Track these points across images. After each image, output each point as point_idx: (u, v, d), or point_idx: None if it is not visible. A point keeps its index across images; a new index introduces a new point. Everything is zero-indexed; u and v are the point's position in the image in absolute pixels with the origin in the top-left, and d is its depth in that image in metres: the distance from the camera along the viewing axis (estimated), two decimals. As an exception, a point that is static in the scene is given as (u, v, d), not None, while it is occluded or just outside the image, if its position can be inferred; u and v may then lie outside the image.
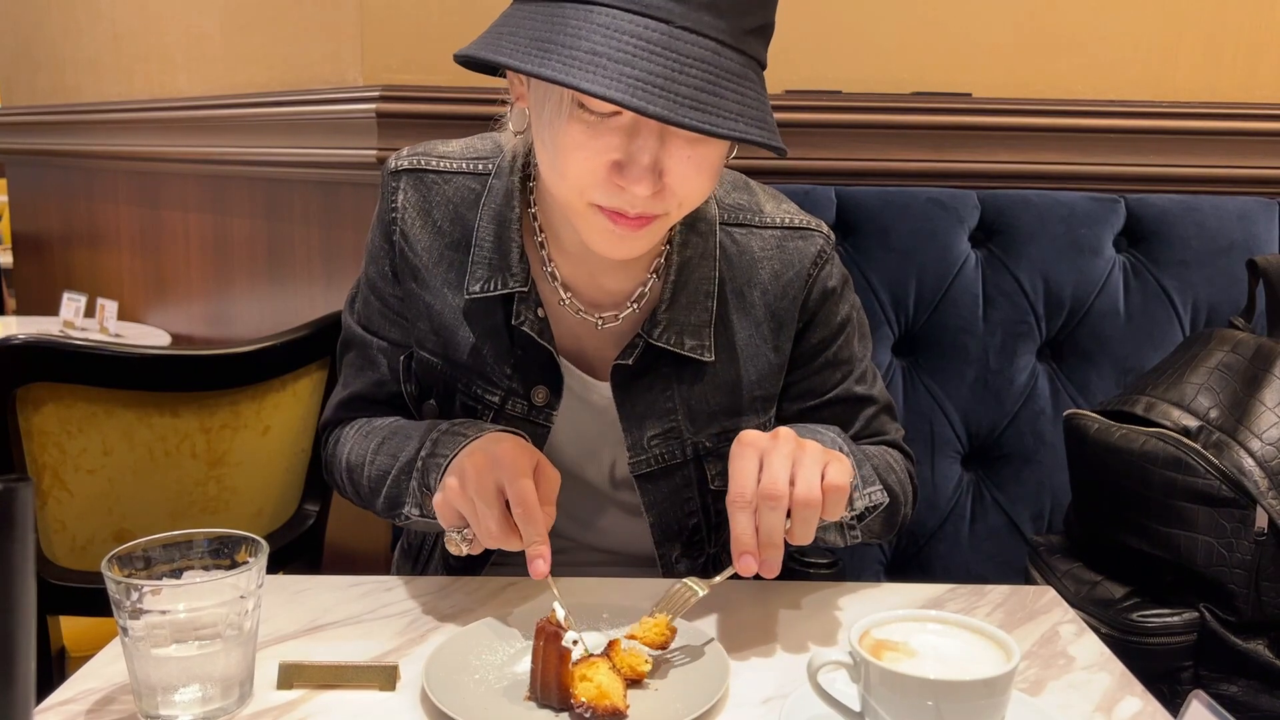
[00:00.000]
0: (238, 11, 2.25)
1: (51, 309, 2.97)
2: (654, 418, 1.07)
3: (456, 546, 0.93)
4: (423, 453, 1.00)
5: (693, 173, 0.88)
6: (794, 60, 1.77)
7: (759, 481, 0.86)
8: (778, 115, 0.92)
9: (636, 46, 0.79)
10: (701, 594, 0.90)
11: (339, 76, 1.89)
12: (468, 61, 0.92)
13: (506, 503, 0.90)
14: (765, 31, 0.89)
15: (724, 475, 1.09)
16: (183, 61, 2.52)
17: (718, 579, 0.91)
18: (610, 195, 0.89)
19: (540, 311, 1.05)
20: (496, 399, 1.08)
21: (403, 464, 1.03)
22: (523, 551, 0.90)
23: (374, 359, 1.15)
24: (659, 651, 0.87)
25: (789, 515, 0.87)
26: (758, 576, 0.88)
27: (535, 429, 1.08)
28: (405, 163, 1.09)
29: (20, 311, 3.73)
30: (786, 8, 1.76)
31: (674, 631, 0.87)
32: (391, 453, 1.06)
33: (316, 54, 1.97)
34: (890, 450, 1.14)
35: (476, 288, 1.05)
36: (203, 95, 2.38)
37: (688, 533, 1.12)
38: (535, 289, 1.05)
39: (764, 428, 1.11)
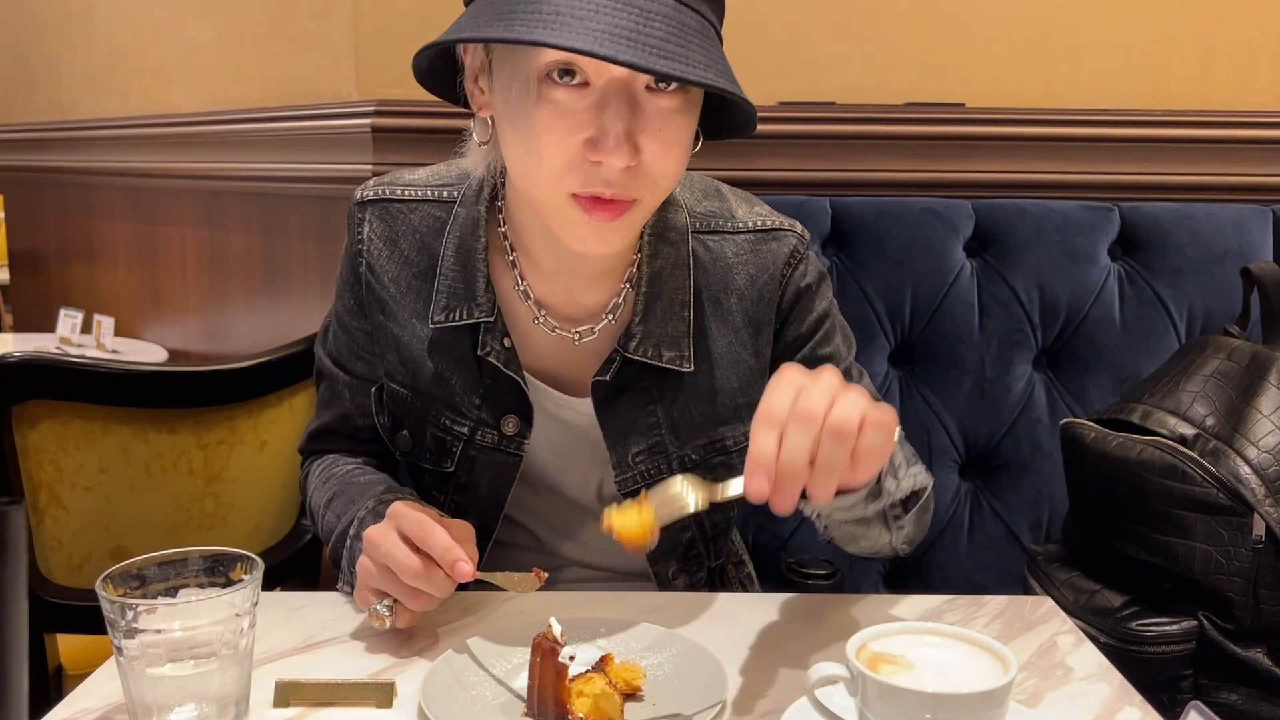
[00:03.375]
0: (233, 27, 2.26)
1: (48, 325, 2.96)
2: (638, 434, 1.06)
3: (381, 620, 0.91)
4: (351, 531, 1.01)
5: (665, 147, 0.87)
6: (787, 72, 1.78)
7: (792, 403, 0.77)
8: (772, 127, 0.93)
9: (599, 3, 0.80)
10: (692, 507, 0.82)
11: (334, 91, 1.90)
12: (425, 77, 0.94)
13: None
14: (718, 4, 0.89)
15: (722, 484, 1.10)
16: (178, 77, 2.52)
17: (723, 493, 0.82)
18: (587, 177, 0.87)
19: (507, 341, 1.04)
20: (465, 430, 1.07)
21: (341, 529, 1.04)
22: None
23: (340, 393, 1.15)
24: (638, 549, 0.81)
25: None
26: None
27: (506, 458, 1.07)
28: (370, 193, 1.08)
29: (17, 328, 3.73)
30: (780, 20, 1.78)
31: (652, 533, 0.81)
32: (338, 513, 1.06)
33: (311, 69, 1.97)
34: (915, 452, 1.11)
35: (441, 317, 1.04)
36: (198, 111, 2.39)
37: (682, 548, 1.12)
38: (501, 318, 1.04)
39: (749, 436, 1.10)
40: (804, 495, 0.78)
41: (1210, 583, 1.19)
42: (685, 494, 0.83)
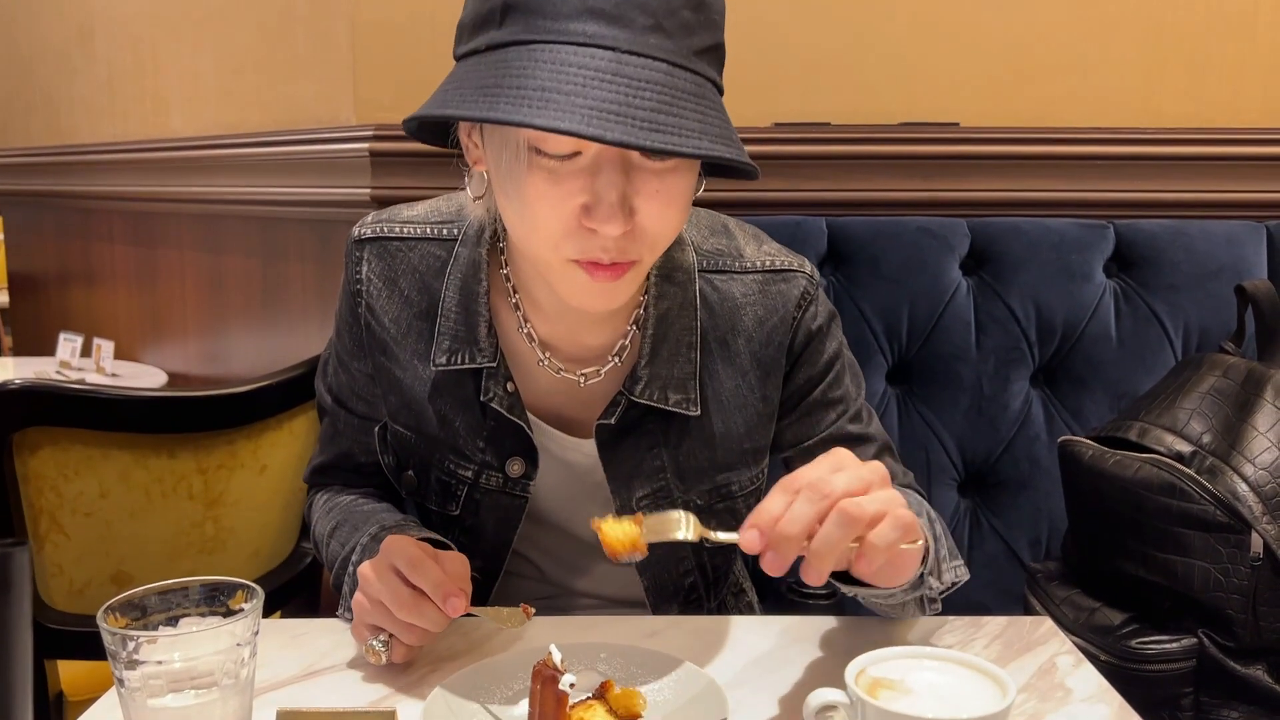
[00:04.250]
0: (231, 53, 2.27)
1: (48, 349, 2.97)
2: (642, 478, 1.04)
3: (377, 656, 0.91)
4: (353, 559, 1.01)
5: (662, 208, 0.85)
6: (782, 93, 1.79)
7: (818, 478, 0.77)
8: (767, 148, 0.92)
9: (585, 77, 0.76)
10: (684, 537, 0.82)
11: (332, 116, 1.91)
12: (418, 131, 0.91)
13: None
14: (717, 53, 0.85)
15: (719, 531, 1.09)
16: (177, 102, 2.54)
17: (716, 537, 0.82)
18: (583, 243, 0.85)
19: (510, 385, 1.02)
20: (470, 473, 1.06)
21: (343, 557, 1.03)
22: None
23: (342, 432, 1.14)
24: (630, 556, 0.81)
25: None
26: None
27: (512, 501, 1.06)
28: (368, 231, 1.06)
29: (16, 351, 3.73)
30: (774, 42, 1.79)
31: (638, 547, 0.81)
32: (341, 541, 1.06)
33: (310, 94, 1.98)
34: (926, 503, 1.08)
35: (443, 360, 1.02)
36: (197, 136, 2.40)
37: (684, 592, 1.11)
38: (504, 362, 1.02)
39: (756, 480, 1.09)
40: (844, 578, 0.80)
41: (1209, 600, 1.19)
42: (681, 523, 0.83)
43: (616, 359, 1.03)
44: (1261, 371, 1.27)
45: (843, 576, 0.88)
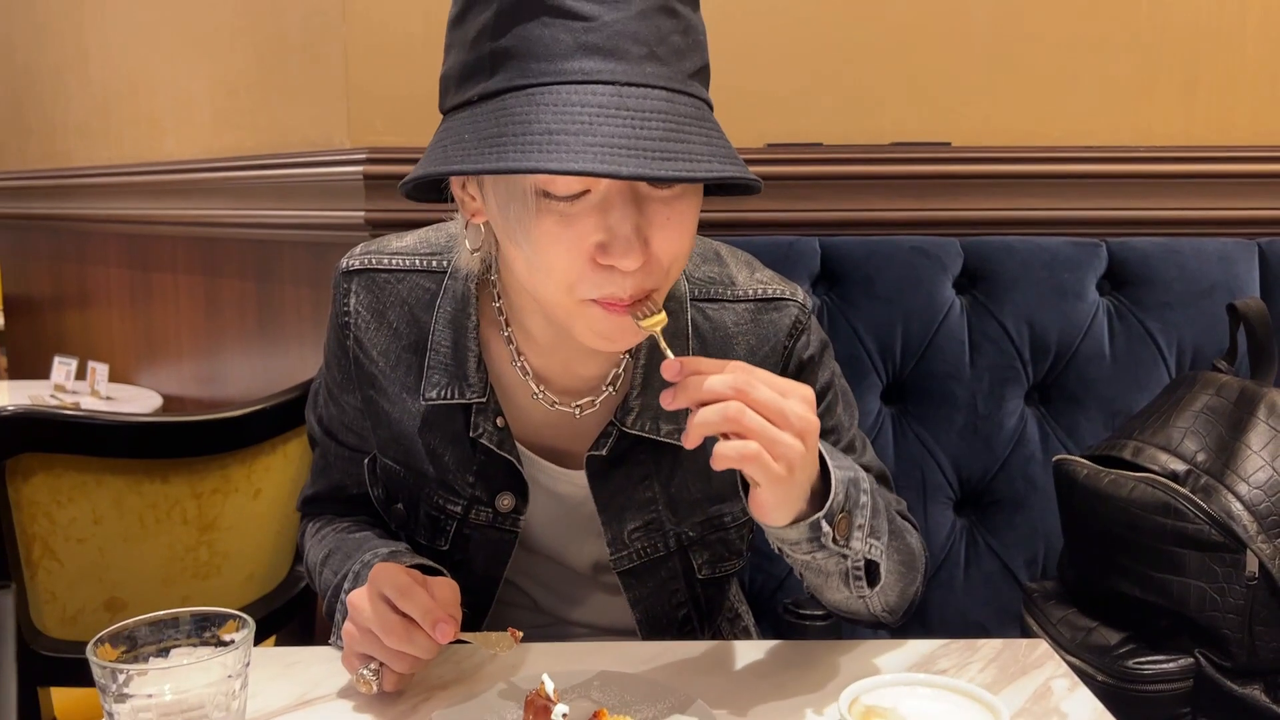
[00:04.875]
0: (225, 76, 2.28)
1: (43, 372, 2.96)
2: (633, 510, 1.04)
3: (367, 685, 0.91)
4: (345, 586, 1.00)
5: (675, 235, 0.84)
6: (774, 114, 1.80)
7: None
8: (760, 169, 0.92)
9: (590, 114, 0.76)
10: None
11: (326, 139, 1.91)
12: (415, 190, 0.88)
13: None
14: (706, 73, 0.85)
15: (711, 564, 1.09)
16: (171, 126, 2.54)
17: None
18: (601, 282, 0.84)
19: (500, 420, 1.02)
20: (459, 508, 1.05)
21: (335, 584, 1.03)
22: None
23: (332, 464, 1.14)
24: None
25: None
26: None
27: (502, 535, 1.06)
28: (356, 262, 1.06)
29: (11, 374, 3.73)
30: (766, 63, 1.80)
31: None
32: (334, 569, 1.05)
33: (303, 117, 1.99)
34: (909, 528, 1.09)
35: (433, 394, 1.02)
36: (191, 159, 2.41)
37: (677, 623, 1.10)
38: (494, 397, 1.02)
39: (748, 511, 1.09)
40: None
41: (1206, 620, 1.19)
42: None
43: (611, 388, 1.03)
44: (1254, 390, 1.27)
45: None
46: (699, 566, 1.08)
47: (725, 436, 0.81)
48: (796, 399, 0.82)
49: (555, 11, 0.77)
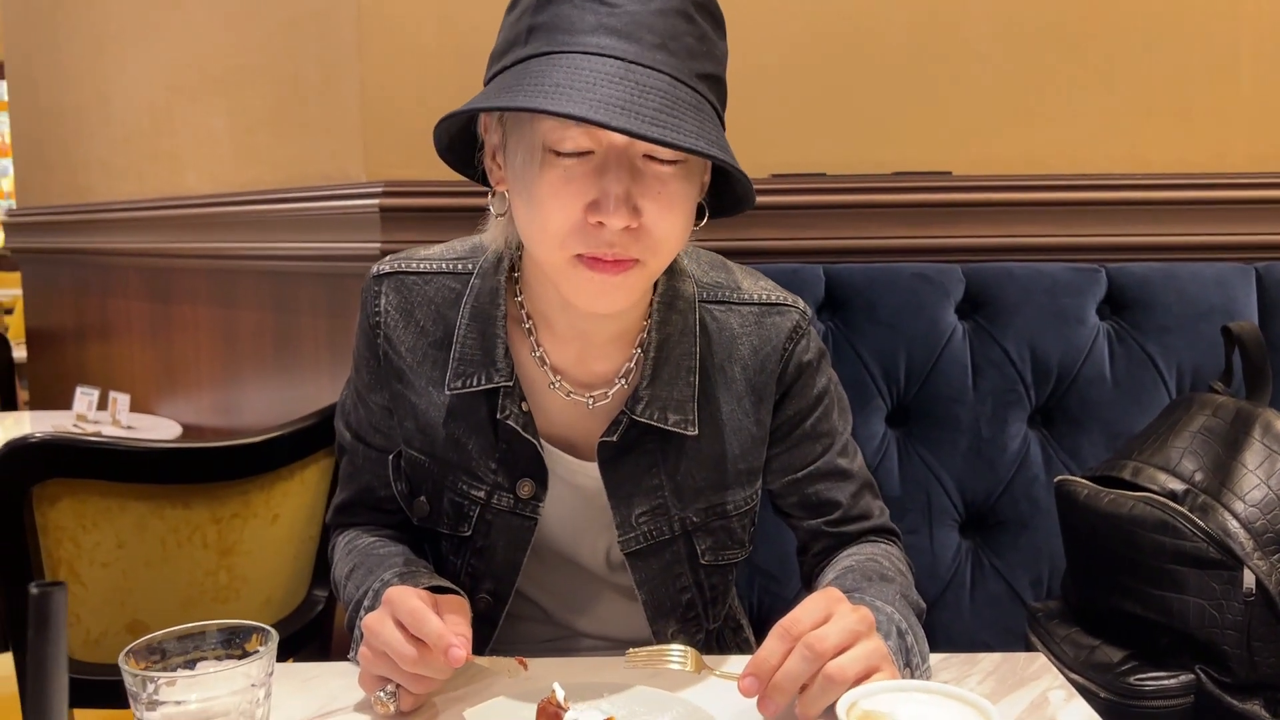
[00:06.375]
0: (244, 113, 2.33)
1: (65, 402, 3.00)
2: (641, 495, 1.09)
3: (384, 706, 0.93)
4: (365, 603, 1.04)
5: (664, 209, 0.92)
6: (778, 145, 1.84)
7: (813, 627, 0.86)
8: (765, 199, 0.97)
9: (596, 78, 0.85)
10: (679, 667, 0.91)
11: (342, 173, 1.96)
12: (452, 159, 0.99)
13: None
14: (718, 85, 0.93)
15: (714, 550, 1.13)
16: (191, 161, 2.60)
17: (711, 672, 0.91)
18: (589, 238, 0.92)
19: (524, 405, 1.07)
20: (482, 494, 1.10)
21: (357, 600, 1.06)
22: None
23: (361, 467, 1.18)
24: None
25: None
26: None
27: (522, 522, 1.10)
28: (386, 267, 1.13)
29: (33, 405, 3.77)
30: (770, 95, 1.85)
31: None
32: (357, 584, 1.09)
33: (321, 152, 2.04)
34: (903, 569, 1.14)
35: (459, 384, 1.07)
36: (211, 194, 2.45)
37: (681, 609, 1.14)
38: (519, 383, 1.08)
39: (750, 500, 1.14)
40: None
41: (1205, 636, 1.21)
42: (672, 658, 0.92)
43: (623, 380, 1.09)
44: (1249, 410, 1.30)
45: None
46: (702, 552, 1.12)
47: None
48: (854, 642, 0.86)
49: None
